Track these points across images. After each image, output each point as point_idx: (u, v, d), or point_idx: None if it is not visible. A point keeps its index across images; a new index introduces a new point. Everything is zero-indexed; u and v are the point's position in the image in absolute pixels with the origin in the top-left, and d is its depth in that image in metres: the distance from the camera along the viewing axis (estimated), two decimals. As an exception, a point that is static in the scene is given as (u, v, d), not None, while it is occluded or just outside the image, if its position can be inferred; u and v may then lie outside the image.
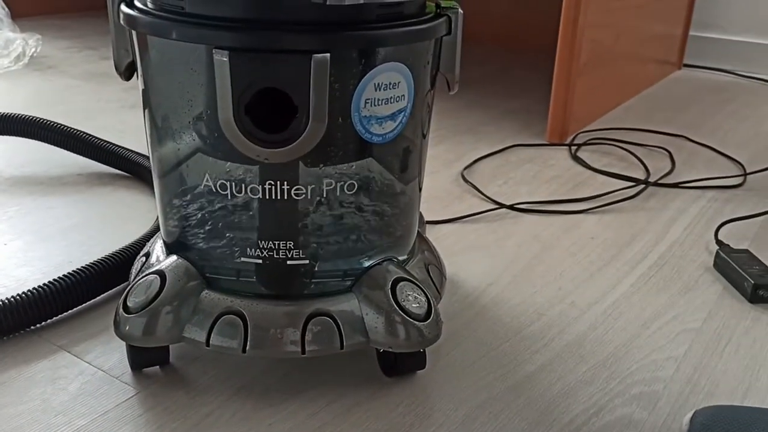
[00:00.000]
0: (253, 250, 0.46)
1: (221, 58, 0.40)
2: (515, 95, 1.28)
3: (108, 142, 0.82)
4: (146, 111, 0.48)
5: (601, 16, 1.04)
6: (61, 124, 0.80)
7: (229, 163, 0.44)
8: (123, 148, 0.82)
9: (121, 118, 1.05)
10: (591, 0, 0.97)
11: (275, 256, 0.46)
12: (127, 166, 0.82)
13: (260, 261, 0.46)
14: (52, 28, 1.67)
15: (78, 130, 0.81)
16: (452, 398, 0.48)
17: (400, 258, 0.52)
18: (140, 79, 0.47)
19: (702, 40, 1.55)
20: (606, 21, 1.07)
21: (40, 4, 1.80)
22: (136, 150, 0.82)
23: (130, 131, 0.99)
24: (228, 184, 0.45)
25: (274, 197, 0.45)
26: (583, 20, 0.97)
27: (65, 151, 0.82)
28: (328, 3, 0.39)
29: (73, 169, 0.84)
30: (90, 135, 0.81)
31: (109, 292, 0.58)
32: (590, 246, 0.71)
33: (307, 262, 0.47)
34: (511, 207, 0.79)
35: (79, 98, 1.15)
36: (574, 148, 0.99)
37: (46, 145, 0.81)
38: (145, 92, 0.47)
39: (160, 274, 0.48)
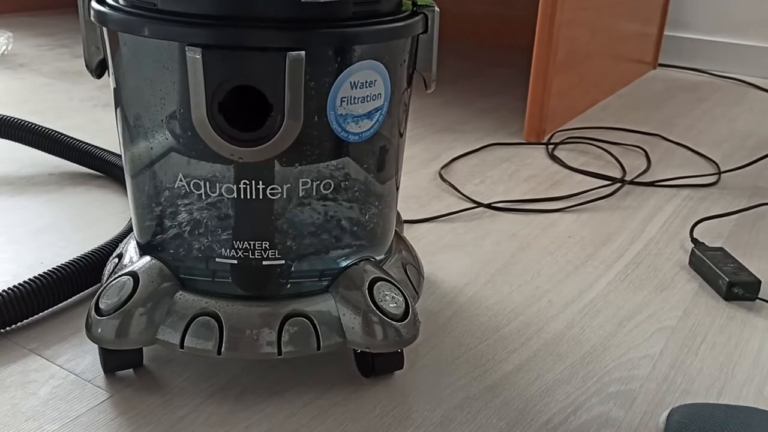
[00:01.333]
0: (228, 250, 0.45)
1: (194, 55, 0.39)
2: (491, 93, 1.28)
3: (79, 140, 0.81)
4: (118, 109, 0.47)
5: (577, 13, 1.04)
6: (32, 123, 0.79)
7: (202, 162, 0.44)
8: (95, 146, 0.81)
9: (94, 117, 1.03)
10: (567, -1, 0.98)
11: (251, 256, 0.46)
12: (99, 165, 0.80)
13: (235, 261, 0.46)
14: (24, 26, 1.64)
15: (49, 129, 0.79)
16: (430, 399, 0.48)
17: (378, 257, 0.51)
18: (111, 77, 0.46)
19: (677, 40, 1.56)
20: (582, 19, 1.08)
21: (12, 1, 1.77)
22: (109, 149, 0.81)
23: (102, 130, 0.97)
24: (202, 183, 0.44)
25: (249, 197, 0.44)
26: (559, 18, 0.97)
27: (36, 150, 0.80)
28: (303, 0, 0.38)
29: (44, 168, 0.83)
30: (61, 133, 0.80)
31: (81, 293, 0.57)
32: (567, 245, 0.71)
33: (282, 262, 0.46)
34: (489, 206, 0.79)
35: (51, 97, 1.13)
36: (551, 146, 1.00)
37: (16, 144, 0.79)
38: (116, 90, 0.46)
39: (133, 275, 0.47)
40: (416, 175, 0.88)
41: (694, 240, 0.70)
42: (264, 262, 0.46)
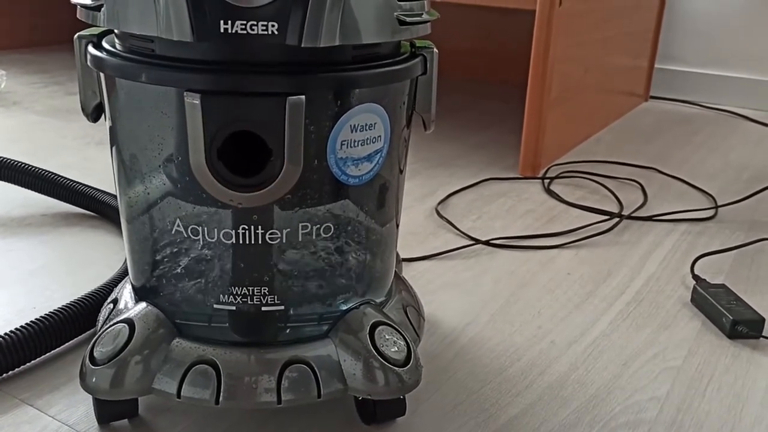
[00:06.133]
0: (226, 296, 0.45)
1: (193, 101, 0.39)
2: (486, 127, 1.28)
3: (71, 180, 0.80)
4: (114, 154, 0.46)
5: (569, 49, 1.05)
6: (23, 163, 0.78)
7: (200, 207, 0.43)
8: (88, 186, 0.80)
9: (86, 155, 1.02)
10: (560, 35, 0.98)
11: (249, 302, 0.45)
12: (93, 205, 0.79)
13: (233, 308, 0.45)
14: (17, 63, 1.64)
15: (40, 168, 0.79)
16: (434, 446, 0.47)
17: (378, 300, 0.50)
18: (108, 121, 0.46)
19: (667, 73, 1.58)
20: (574, 55, 1.09)
21: (5, 38, 1.78)
22: (102, 188, 0.80)
23: (95, 169, 0.96)
24: (200, 228, 0.43)
25: (247, 242, 0.43)
26: (552, 54, 0.98)
27: (29, 191, 0.79)
28: (302, 45, 0.38)
29: (37, 209, 0.82)
30: (53, 173, 0.79)
31: (75, 339, 0.56)
32: (567, 282, 0.70)
33: (282, 307, 0.45)
34: (487, 243, 0.79)
35: (44, 135, 1.12)
36: (547, 181, 1.00)
37: (8, 184, 0.78)
38: (113, 135, 0.46)
39: (129, 322, 0.46)
40: (413, 211, 0.87)
41: (695, 276, 0.69)
42: (263, 308, 0.45)
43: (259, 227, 0.43)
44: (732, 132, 1.33)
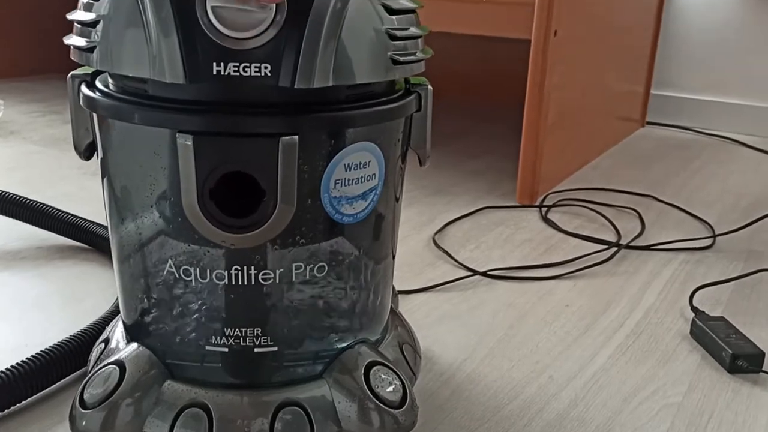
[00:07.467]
0: (218, 338, 0.44)
1: (185, 142, 0.38)
2: (483, 153, 1.28)
3: (66, 212, 0.79)
4: (106, 191, 0.46)
5: (565, 77, 1.05)
6: (18, 195, 0.78)
7: (193, 247, 0.42)
8: (81, 218, 0.79)
9: (82, 185, 1.02)
10: (555, 63, 0.99)
11: (242, 343, 0.44)
12: (88, 238, 0.79)
13: (226, 350, 0.44)
14: (16, 91, 1.65)
15: (35, 201, 0.78)
16: (430, 489, 0.46)
17: (374, 338, 0.50)
18: (100, 159, 0.45)
19: (663, 98, 1.58)
20: (571, 82, 1.09)
21: (3, 67, 1.78)
22: (97, 221, 0.80)
23: (91, 199, 0.96)
24: (192, 269, 0.43)
25: (240, 282, 0.43)
26: (548, 82, 0.98)
27: (24, 223, 0.79)
28: (295, 86, 0.38)
29: (32, 242, 0.81)
30: (47, 205, 0.79)
31: (67, 378, 0.55)
32: (565, 314, 0.70)
33: (275, 348, 0.45)
34: (484, 274, 0.78)
35: (40, 164, 1.12)
36: (544, 209, 0.99)
37: (3, 217, 0.78)
38: (104, 172, 0.45)
39: (120, 364, 0.45)
40: (410, 241, 0.87)
41: (694, 308, 0.68)
42: (256, 349, 0.44)
43: (252, 268, 0.42)
44: (729, 158, 1.33)
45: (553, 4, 0.94)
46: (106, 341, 0.51)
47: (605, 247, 0.86)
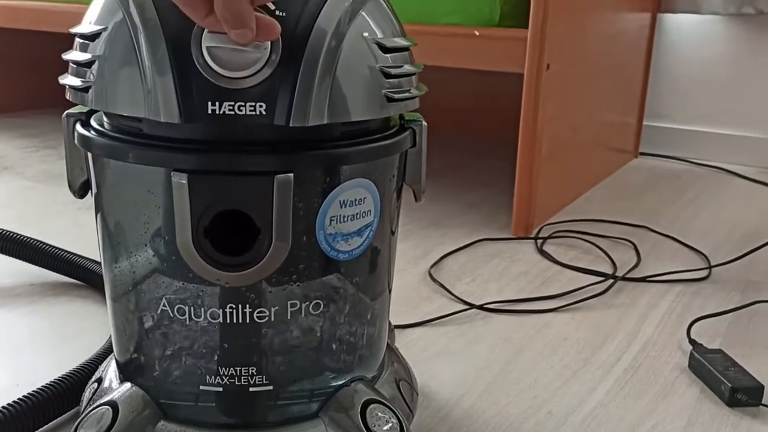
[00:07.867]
0: (213, 377, 0.43)
1: (180, 180, 0.38)
2: (479, 186, 1.28)
3: (59, 248, 0.79)
4: (100, 229, 0.46)
5: (558, 110, 1.06)
6: (11, 231, 0.77)
7: (187, 286, 0.42)
8: (75, 254, 0.79)
9: (76, 221, 1.02)
10: (548, 96, 1.00)
11: (237, 382, 0.43)
12: (81, 275, 0.78)
13: (221, 389, 0.44)
14: (10, 127, 1.65)
15: (28, 237, 0.78)
16: None
17: (370, 375, 0.49)
18: (94, 197, 0.45)
19: (655, 130, 1.60)
20: (564, 115, 1.10)
21: (-2, 101, 1.79)
22: (90, 257, 0.79)
23: (85, 234, 0.95)
24: (186, 308, 0.43)
25: (235, 321, 0.42)
26: (542, 116, 0.99)
27: (17, 260, 0.78)
28: (291, 125, 0.38)
29: (25, 278, 0.81)
30: (40, 242, 0.78)
31: (57, 419, 0.54)
32: (563, 348, 0.69)
33: (270, 387, 0.44)
34: (481, 307, 0.78)
35: (34, 200, 1.12)
36: (539, 241, 0.99)
37: (-3, 254, 0.78)
38: (98, 210, 0.45)
39: (113, 404, 0.44)
40: (406, 274, 0.86)
41: (692, 341, 0.68)
42: (251, 389, 0.44)
43: (247, 306, 0.42)
44: (722, 188, 1.33)
45: (545, 38, 0.95)
46: (99, 381, 0.50)
47: (602, 279, 0.86)
